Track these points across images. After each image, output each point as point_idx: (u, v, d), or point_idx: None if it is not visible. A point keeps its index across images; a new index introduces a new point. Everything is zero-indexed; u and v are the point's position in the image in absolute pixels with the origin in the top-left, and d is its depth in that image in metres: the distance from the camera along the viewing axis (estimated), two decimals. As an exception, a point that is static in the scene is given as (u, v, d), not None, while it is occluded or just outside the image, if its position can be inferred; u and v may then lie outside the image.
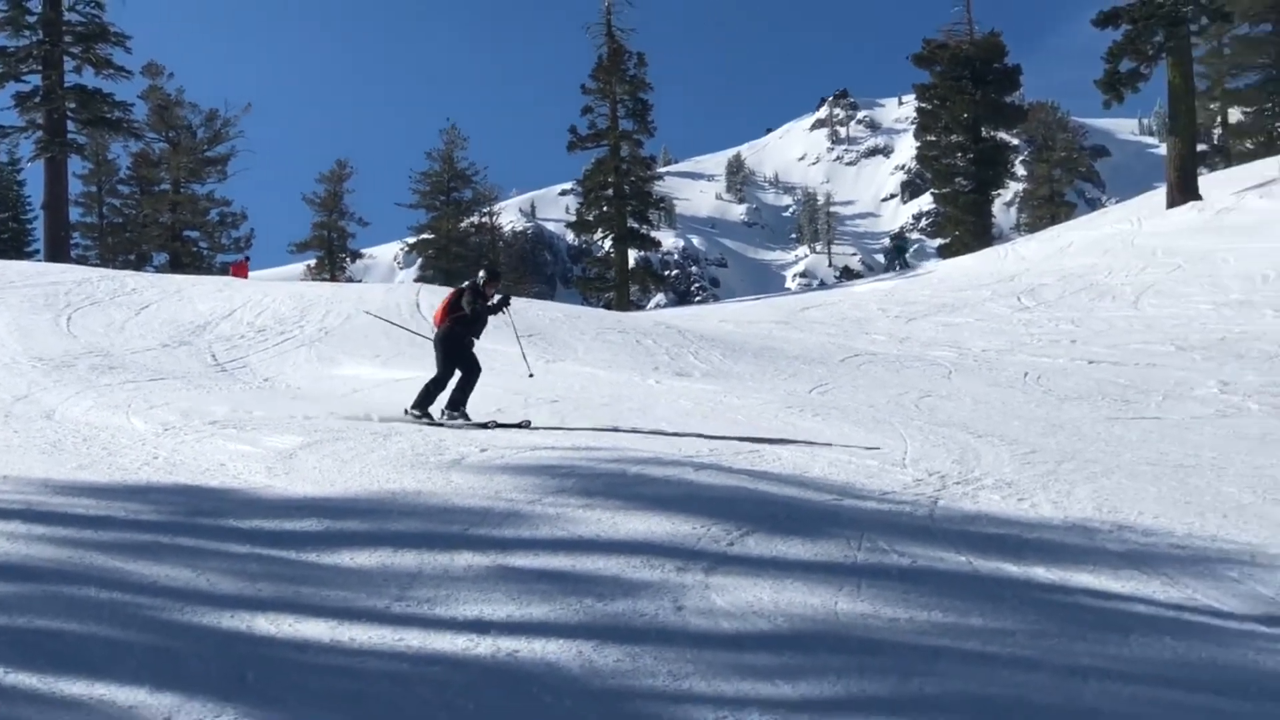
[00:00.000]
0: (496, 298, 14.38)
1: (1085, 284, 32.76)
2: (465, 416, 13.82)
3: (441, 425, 13.55)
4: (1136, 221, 42.08)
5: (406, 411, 13.97)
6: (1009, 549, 8.35)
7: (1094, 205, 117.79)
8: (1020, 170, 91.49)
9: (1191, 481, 11.13)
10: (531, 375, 16.06)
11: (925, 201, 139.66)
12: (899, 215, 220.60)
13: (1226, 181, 46.93)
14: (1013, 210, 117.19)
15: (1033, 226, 78.41)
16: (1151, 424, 15.62)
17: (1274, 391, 17.73)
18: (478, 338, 14.52)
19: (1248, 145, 67.41)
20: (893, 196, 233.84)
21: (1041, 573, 7.80)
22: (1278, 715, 5.49)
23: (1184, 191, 44.74)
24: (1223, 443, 13.94)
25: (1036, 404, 17.50)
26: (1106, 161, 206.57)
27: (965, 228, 64.81)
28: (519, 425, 13.49)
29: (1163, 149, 72.67)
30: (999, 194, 71.54)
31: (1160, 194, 48.74)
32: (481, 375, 14.31)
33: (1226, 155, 67.72)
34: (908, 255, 42.30)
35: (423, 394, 14.03)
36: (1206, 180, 48.57)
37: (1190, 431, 14.92)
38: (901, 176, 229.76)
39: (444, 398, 14.11)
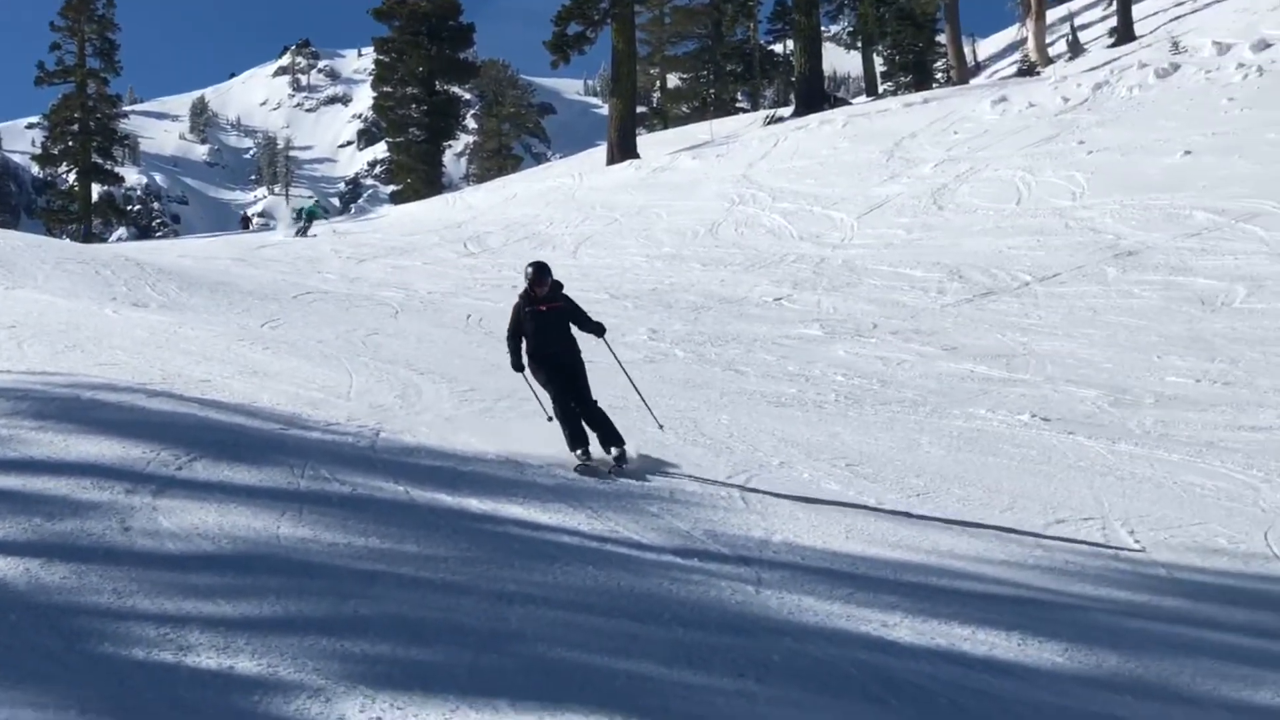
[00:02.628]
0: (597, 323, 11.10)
1: (528, 233, 33.80)
2: (624, 457, 10.38)
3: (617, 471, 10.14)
4: (578, 176, 43.72)
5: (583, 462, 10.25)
6: (444, 480, 8.54)
7: (539, 159, 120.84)
8: (471, 123, 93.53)
9: (619, 422, 11.66)
10: (661, 427, 11.57)
11: (380, 150, 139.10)
12: (355, 161, 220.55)
13: (662, 142, 49.68)
14: (463, 161, 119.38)
15: (481, 177, 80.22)
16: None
17: (698, 340, 18.92)
18: (557, 349, 10.79)
19: (683, 109, 71.83)
20: (350, 144, 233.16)
21: (475, 503, 8.00)
22: (688, 639, 5.85)
23: (623, 150, 47.01)
24: (650, 386, 14.70)
25: (478, 345, 17.88)
26: (553, 119, 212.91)
27: (417, 176, 65.60)
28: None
29: (605, 109, 75.84)
30: (450, 145, 72.87)
31: (601, 151, 50.98)
32: None
33: (664, 118, 71.63)
34: (316, 219, 43.27)
35: (565, 433, 10.40)
36: (644, 140, 51.27)
37: (620, 376, 15.65)
38: (359, 125, 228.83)
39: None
